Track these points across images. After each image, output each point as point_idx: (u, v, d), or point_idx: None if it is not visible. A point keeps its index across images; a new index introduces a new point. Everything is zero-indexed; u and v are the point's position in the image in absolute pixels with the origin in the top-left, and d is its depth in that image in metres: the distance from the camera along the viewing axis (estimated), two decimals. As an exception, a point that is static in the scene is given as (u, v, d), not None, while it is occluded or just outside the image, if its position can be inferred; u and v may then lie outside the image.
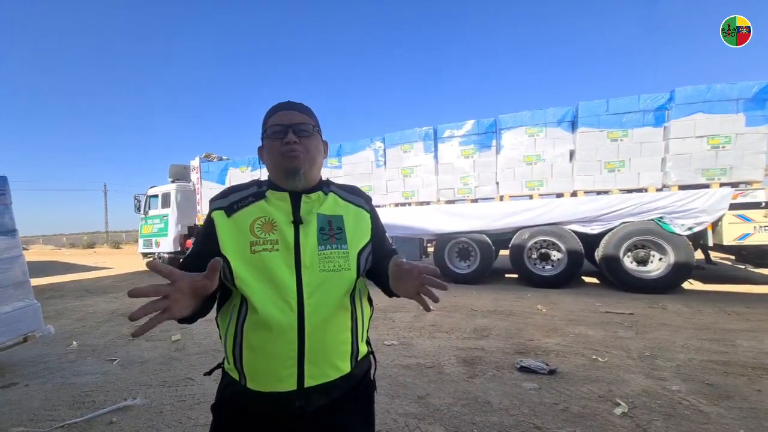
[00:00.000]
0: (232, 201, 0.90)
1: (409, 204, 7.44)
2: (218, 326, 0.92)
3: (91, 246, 29.25)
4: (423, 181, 7.26)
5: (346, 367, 0.87)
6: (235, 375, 0.85)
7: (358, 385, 0.92)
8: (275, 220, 0.86)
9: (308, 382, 0.81)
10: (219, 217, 0.88)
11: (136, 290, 0.64)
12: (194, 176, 10.11)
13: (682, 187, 5.57)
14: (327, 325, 0.84)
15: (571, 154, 6.25)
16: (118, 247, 27.16)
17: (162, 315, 0.66)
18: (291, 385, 0.80)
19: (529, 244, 6.38)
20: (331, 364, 0.85)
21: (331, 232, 0.89)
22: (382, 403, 2.46)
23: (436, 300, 0.74)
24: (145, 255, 10.96)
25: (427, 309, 0.79)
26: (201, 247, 0.89)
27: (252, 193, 0.92)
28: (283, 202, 0.89)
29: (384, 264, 0.91)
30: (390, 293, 0.92)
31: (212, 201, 0.92)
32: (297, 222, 0.87)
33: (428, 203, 7.31)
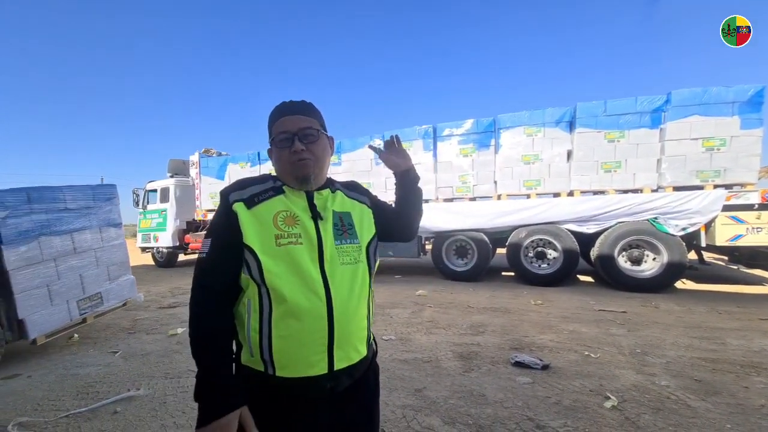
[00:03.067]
0: (252, 193, 0.90)
1: (408, 201, 7.49)
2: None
3: (87, 240, 29.05)
4: (422, 179, 7.28)
5: (363, 351, 0.95)
6: (259, 366, 0.86)
7: (370, 366, 1.00)
8: (297, 215, 0.90)
9: (337, 365, 0.88)
10: (240, 208, 0.88)
11: None
12: (193, 171, 10.10)
13: (676, 189, 5.64)
14: (351, 313, 0.90)
15: (569, 154, 6.30)
16: (115, 242, 27.05)
17: None
18: (322, 369, 0.86)
19: (526, 242, 6.44)
20: (354, 349, 0.92)
21: (344, 228, 0.94)
22: (380, 395, 2.52)
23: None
24: (143, 249, 10.99)
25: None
26: (225, 239, 0.88)
27: (271, 187, 0.93)
28: (300, 199, 0.93)
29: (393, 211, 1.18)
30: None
31: (228, 193, 0.91)
32: (316, 217, 0.91)
33: (427, 201, 7.34)
